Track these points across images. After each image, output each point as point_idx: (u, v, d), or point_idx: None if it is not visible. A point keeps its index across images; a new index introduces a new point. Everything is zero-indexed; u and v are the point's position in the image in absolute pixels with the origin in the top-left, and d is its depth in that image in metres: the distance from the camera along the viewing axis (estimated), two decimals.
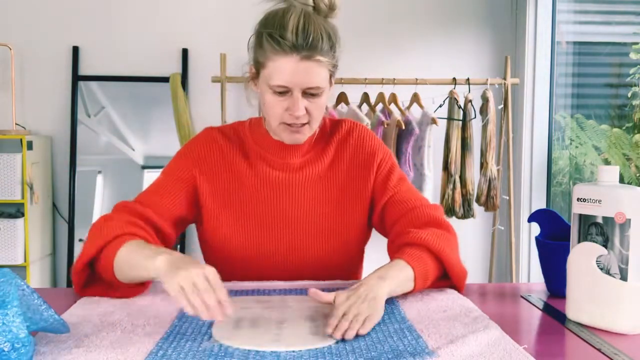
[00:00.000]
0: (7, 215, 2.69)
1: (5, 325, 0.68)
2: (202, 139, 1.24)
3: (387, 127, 2.59)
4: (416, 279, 1.04)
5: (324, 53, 1.09)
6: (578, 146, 2.90)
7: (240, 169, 1.22)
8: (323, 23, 1.11)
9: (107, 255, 1.03)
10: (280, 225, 1.22)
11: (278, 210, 1.22)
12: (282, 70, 1.08)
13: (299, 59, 1.07)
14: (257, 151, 1.23)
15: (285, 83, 1.08)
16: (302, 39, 1.06)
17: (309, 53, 1.07)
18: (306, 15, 1.09)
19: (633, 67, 2.68)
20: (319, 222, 1.23)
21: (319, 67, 1.09)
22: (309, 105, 1.11)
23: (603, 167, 0.95)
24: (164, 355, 0.78)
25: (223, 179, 1.22)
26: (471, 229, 3.02)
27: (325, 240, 1.23)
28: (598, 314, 0.93)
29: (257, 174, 1.22)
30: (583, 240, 0.95)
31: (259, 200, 1.21)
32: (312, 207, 1.22)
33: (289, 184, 1.22)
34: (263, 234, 1.22)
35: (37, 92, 2.87)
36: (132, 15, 2.88)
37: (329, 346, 0.82)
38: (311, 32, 1.07)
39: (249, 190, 1.21)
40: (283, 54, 1.07)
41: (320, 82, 1.10)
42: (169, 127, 2.84)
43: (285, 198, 1.22)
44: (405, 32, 2.95)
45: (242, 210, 1.21)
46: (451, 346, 0.81)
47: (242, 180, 1.22)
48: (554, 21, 2.85)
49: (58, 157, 2.89)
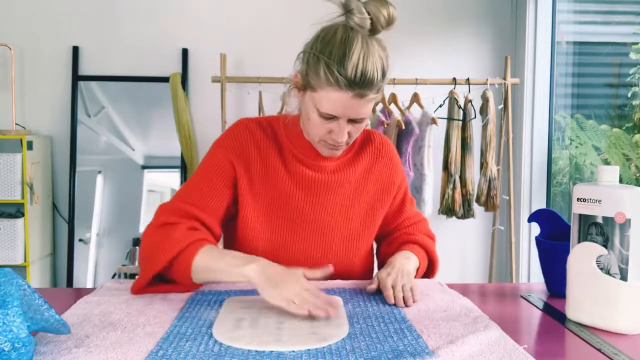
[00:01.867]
0: (7, 215, 2.69)
1: (6, 325, 0.68)
2: (239, 129, 1.23)
3: (387, 127, 2.59)
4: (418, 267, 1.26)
5: (375, 89, 1.09)
6: (578, 146, 2.90)
7: (274, 164, 1.22)
8: (380, 53, 1.09)
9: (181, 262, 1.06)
10: (307, 225, 1.23)
11: (307, 209, 1.23)
12: (333, 101, 1.09)
13: (351, 95, 1.07)
14: (291, 149, 1.23)
15: (334, 113, 1.10)
16: (359, 79, 1.06)
17: (362, 91, 1.07)
18: (367, 49, 1.07)
19: (633, 67, 2.68)
20: (345, 225, 1.26)
21: (369, 102, 1.11)
22: (351, 129, 1.15)
23: (603, 167, 0.95)
24: (164, 355, 0.78)
25: (258, 170, 1.22)
26: (471, 229, 3.02)
27: (350, 243, 1.27)
28: (598, 314, 0.93)
29: (290, 171, 1.22)
30: (583, 240, 0.95)
31: (289, 198, 1.22)
32: (340, 211, 1.25)
33: (320, 185, 1.23)
34: (290, 231, 1.23)
35: (37, 92, 2.87)
36: (132, 15, 2.88)
37: (328, 346, 0.82)
38: (369, 71, 1.06)
39: (281, 186, 1.22)
40: (338, 88, 1.07)
41: (367, 114, 1.13)
42: (169, 127, 2.84)
43: (315, 198, 1.24)
44: (405, 32, 2.95)
45: (272, 205, 1.22)
46: (451, 346, 0.81)
47: (276, 175, 1.22)
48: (554, 21, 2.85)
49: (58, 157, 2.89)
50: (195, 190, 1.18)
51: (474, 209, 2.68)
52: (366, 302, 1.05)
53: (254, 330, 0.88)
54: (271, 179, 1.22)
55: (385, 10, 1.08)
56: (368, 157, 1.29)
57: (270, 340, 0.84)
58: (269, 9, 2.84)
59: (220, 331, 0.88)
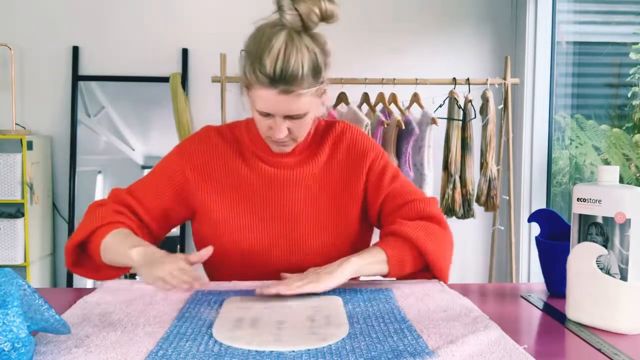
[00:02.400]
0: (7, 215, 2.69)
1: (6, 325, 0.68)
2: (196, 137, 1.28)
3: (387, 127, 2.59)
4: (390, 263, 1.12)
5: (304, 85, 1.08)
6: (578, 146, 2.90)
7: (235, 165, 1.24)
8: (307, 47, 1.08)
9: (96, 239, 1.15)
10: (276, 219, 1.24)
11: (274, 205, 1.24)
12: (262, 99, 1.09)
13: (277, 92, 1.07)
14: (253, 150, 1.26)
15: (266, 110, 1.11)
16: (279, 74, 1.05)
17: (286, 87, 1.06)
18: (289, 43, 1.06)
19: (633, 67, 2.68)
20: (313, 216, 1.24)
21: (298, 98, 1.09)
22: (292, 125, 1.14)
23: (603, 167, 0.95)
24: (164, 355, 0.78)
25: (217, 175, 1.24)
26: (471, 229, 3.02)
27: (321, 234, 1.25)
28: (598, 314, 0.93)
29: (252, 170, 1.24)
30: (583, 240, 0.95)
31: (254, 195, 1.24)
32: (306, 203, 1.25)
33: (284, 180, 1.24)
34: (259, 227, 1.23)
35: (37, 92, 2.87)
36: (132, 15, 2.88)
37: (328, 346, 0.82)
38: (290, 66, 1.05)
39: (244, 186, 1.24)
40: (262, 86, 1.08)
41: (301, 109, 1.11)
42: (169, 127, 2.84)
43: (280, 194, 1.24)
44: (405, 32, 2.95)
45: (238, 205, 1.24)
46: (451, 346, 0.81)
47: (237, 176, 1.24)
48: (554, 21, 2.85)
49: (58, 157, 2.89)
50: (141, 185, 1.25)
51: (474, 209, 2.68)
52: (366, 302, 1.05)
53: (254, 330, 0.88)
54: (233, 181, 1.24)
55: (317, 6, 1.07)
56: (328, 147, 1.27)
57: (270, 340, 0.83)
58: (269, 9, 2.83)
59: (220, 331, 0.88)
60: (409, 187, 1.26)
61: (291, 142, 1.19)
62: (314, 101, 1.13)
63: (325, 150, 1.27)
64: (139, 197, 1.22)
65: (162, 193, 1.23)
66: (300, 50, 1.07)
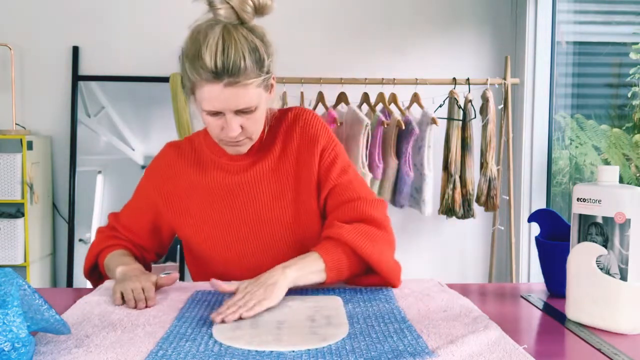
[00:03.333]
0: (7, 215, 2.69)
1: (6, 325, 0.68)
2: (157, 159, 1.31)
3: (387, 127, 2.59)
4: (328, 271, 1.08)
5: (249, 75, 1.06)
6: (578, 146, 2.90)
7: (193, 179, 1.24)
8: (246, 38, 1.07)
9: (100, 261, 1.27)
10: (242, 227, 1.23)
11: (237, 212, 1.23)
12: (209, 96, 1.06)
13: (222, 85, 1.05)
14: (212, 158, 1.24)
15: (214, 109, 1.08)
16: (221, 66, 1.03)
17: (231, 79, 1.04)
18: (225, 36, 1.05)
19: (633, 67, 2.68)
20: (278, 216, 1.22)
21: (245, 89, 1.06)
22: (244, 122, 1.11)
23: (603, 167, 0.95)
24: (164, 355, 0.78)
25: (182, 188, 1.25)
26: (471, 229, 3.02)
27: (288, 233, 1.23)
28: (598, 314, 0.93)
29: (211, 180, 1.23)
30: (583, 240, 0.95)
31: (216, 206, 1.23)
32: (268, 203, 1.22)
33: (242, 184, 1.22)
34: (227, 237, 1.23)
35: (37, 92, 2.87)
36: (132, 15, 2.88)
37: (328, 346, 0.82)
38: (231, 57, 1.03)
39: (205, 198, 1.24)
40: (206, 82, 1.05)
41: (250, 102, 1.08)
42: (169, 127, 2.84)
43: (241, 199, 1.23)
44: (405, 32, 2.95)
45: (202, 218, 1.24)
46: (451, 346, 0.81)
47: (197, 189, 1.24)
48: (554, 21, 2.85)
49: (58, 157, 2.89)
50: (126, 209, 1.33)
51: (474, 209, 2.68)
52: (366, 302, 1.05)
53: (254, 330, 0.88)
54: (195, 193, 1.24)
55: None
56: (281, 136, 1.24)
57: (270, 340, 0.84)
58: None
59: (220, 331, 0.88)
60: (356, 184, 1.21)
61: (247, 142, 1.16)
62: (263, 95, 1.11)
63: (280, 140, 1.23)
64: (124, 223, 1.30)
65: (143, 214, 1.29)
66: (239, 40, 1.05)
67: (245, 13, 1.08)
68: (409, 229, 2.95)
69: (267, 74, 1.10)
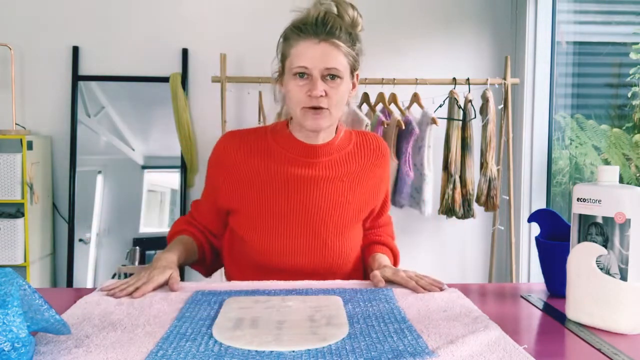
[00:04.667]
0: (7, 215, 2.69)
1: (6, 325, 0.68)
2: (219, 147, 1.33)
3: (387, 127, 2.59)
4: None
5: (342, 40, 1.18)
6: (578, 146, 2.90)
7: (260, 168, 1.28)
8: (344, 24, 1.21)
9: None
10: (301, 222, 1.27)
11: (299, 207, 1.27)
12: (303, 53, 1.17)
13: (317, 41, 1.17)
14: (281, 152, 1.28)
15: (305, 64, 1.17)
16: (321, 25, 1.17)
17: (327, 37, 1.17)
18: (328, 12, 1.20)
19: (633, 67, 2.68)
20: (339, 221, 1.30)
21: (337, 51, 1.18)
22: (328, 89, 1.19)
23: (603, 167, 0.95)
24: (164, 355, 0.78)
25: (243, 177, 1.28)
26: (471, 229, 3.02)
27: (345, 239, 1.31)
28: (598, 314, 0.93)
29: (280, 172, 1.27)
30: (583, 240, 0.95)
31: (275, 197, 1.27)
32: (334, 206, 1.29)
33: (312, 181, 1.27)
34: (278, 230, 1.27)
35: (37, 92, 2.87)
36: (132, 15, 2.88)
37: (328, 346, 0.82)
38: (330, 21, 1.17)
39: (266, 187, 1.27)
40: (304, 38, 1.17)
41: (338, 65, 1.18)
42: (169, 127, 2.84)
43: (306, 196, 1.27)
44: (405, 32, 2.95)
45: (260, 207, 1.28)
46: (451, 346, 0.81)
47: (264, 179, 1.27)
48: (554, 21, 2.85)
49: (58, 157, 2.89)
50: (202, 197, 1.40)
51: (474, 209, 2.68)
52: (366, 302, 1.05)
53: (254, 330, 0.88)
54: (260, 180, 1.27)
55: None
56: (365, 158, 1.34)
57: (270, 340, 0.84)
58: (269, 8, 2.83)
59: (220, 331, 0.88)
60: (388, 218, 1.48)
61: (326, 114, 1.21)
62: (347, 74, 1.21)
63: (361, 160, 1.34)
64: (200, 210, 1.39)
65: (212, 202, 1.35)
66: (337, 19, 1.20)
67: (346, 13, 1.22)
68: (409, 229, 2.95)
69: (356, 55, 1.23)
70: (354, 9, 1.23)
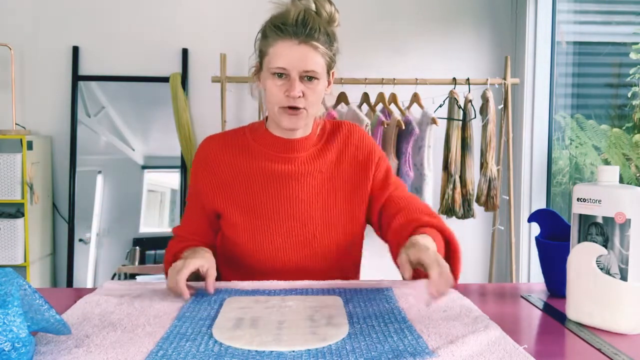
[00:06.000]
0: (7, 215, 2.69)
1: (6, 324, 0.68)
2: (200, 151, 1.33)
3: (387, 127, 2.59)
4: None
5: (321, 42, 1.19)
6: (578, 146, 2.90)
7: (242, 168, 1.28)
8: (323, 23, 1.21)
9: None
10: (287, 218, 1.27)
11: (283, 203, 1.27)
12: (281, 53, 1.18)
13: (297, 42, 1.17)
14: (260, 150, 1.29)
15: (283, 65, 1.18)
16: (301, 26, 1.17)
17: (306, 39, 1.17)
18: (307, 11, 1.20)
19: (633, 67, 2.68)
20: (324, 216, 1.29)
21: (315, 53, 1.18)
22: (305, 89, 1.20)
23: (603, 167, 0.95)
24: (164, 355, 0.78)
25: (226, 179, 1.28)
26: (471, 229, 3.02)
27: (330, 234, 1.29)
28: (598, 314, 0.93)
29: (260, 170, 1.28)
30: (583, 240, 0.95)
31: (264, 195, 1.27)
32: (317, 200, 1.28)
33: (292, 176, 1.27)
34: (269, 229, 1.27)
35: (37, 92, 2.87)
36: (132, 15, 2.88)
37: (328, 346, 0.82)
38: (309, 23, 1.17)
39: (253, 186, 1.28)
40: (283, 38, 1.17)
41: (315, 67, 1.18)
42: (169, 127, 2.84)
43: (289, 191, 1.27)
44: (405, 32, 2.95)
45: (247, 206, 1.28)
46: (451, 346, 0.81)
47: (246, 178, 1.28)
48: (554, 21, 2.85)
49: (58, 157, 2.89)
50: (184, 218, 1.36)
51: (474, 209, 2.68)
52: (366, 302, 1.05)
53: (254, 330, 0.88)
54: (244, 179, 1.28)
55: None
56: (338, 144, 1.33)
57: (270, 340, 0.84)
58: (269, 9, 2.83)
59: (220, 331, 0.88)
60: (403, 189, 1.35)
61: (303, 113, 1.22)
62: (324, 75, 1.22)
63: (334, 148, 1.32)
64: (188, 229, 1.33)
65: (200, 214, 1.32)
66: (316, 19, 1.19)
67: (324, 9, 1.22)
68: None
69: (333, 55, 1.24)
70: (331, 4, 1.24)
